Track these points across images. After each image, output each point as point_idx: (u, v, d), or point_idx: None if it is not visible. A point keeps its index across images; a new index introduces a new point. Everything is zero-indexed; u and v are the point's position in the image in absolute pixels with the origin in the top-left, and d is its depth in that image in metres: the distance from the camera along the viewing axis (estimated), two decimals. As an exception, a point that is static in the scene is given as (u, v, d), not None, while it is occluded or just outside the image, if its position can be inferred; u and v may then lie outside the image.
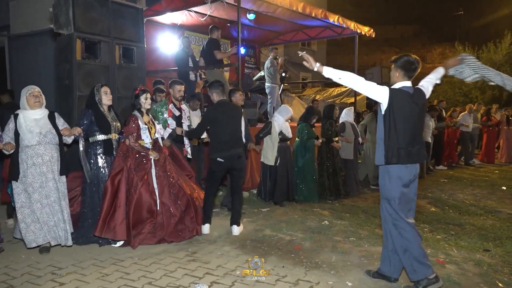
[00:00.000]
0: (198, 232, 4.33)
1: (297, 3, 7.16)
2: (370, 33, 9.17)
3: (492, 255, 4.00)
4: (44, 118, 3.89)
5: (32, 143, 3.76)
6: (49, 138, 3.85)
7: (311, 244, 4.19)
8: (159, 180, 4.18)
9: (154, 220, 4.10)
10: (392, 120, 3.08)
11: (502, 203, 6.35)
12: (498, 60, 20.37)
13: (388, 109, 3.10)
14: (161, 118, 4.95)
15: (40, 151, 3.79)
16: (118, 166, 4.07)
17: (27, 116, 3.81)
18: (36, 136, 3.77)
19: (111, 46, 5.06)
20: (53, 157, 3.87)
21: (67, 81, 4.80)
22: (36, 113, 3.86)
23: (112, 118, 4.27)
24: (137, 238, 4.02)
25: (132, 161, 4.12)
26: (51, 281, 3.24)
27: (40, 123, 3.84)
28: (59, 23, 4.74)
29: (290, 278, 3.34)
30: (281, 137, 5.90)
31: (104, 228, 3.91)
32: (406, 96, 3.12)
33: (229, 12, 7.55)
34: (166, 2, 7.17)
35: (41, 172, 3.79)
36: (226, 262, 3.66)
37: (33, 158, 3.77)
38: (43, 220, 3.80)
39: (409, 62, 3.17)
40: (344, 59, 30.41)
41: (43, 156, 3.80)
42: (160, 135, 4.50)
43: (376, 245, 4.20)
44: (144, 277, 3.32)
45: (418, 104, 3.14)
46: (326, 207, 5.90)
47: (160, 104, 5.11)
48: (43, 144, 3.80)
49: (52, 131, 3.88)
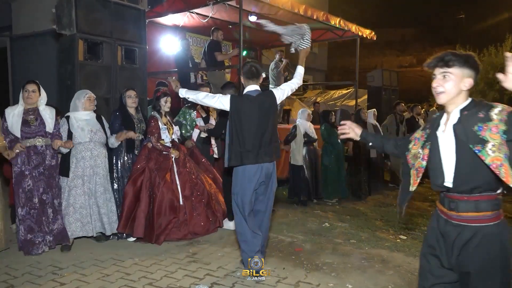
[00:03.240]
0: (220, 224, 4.67)
1: (298, 6, 7.17)
2: (372, 35, 9.18)
3: (492, 258, 4.00)
4: (92, 118, 4.25)
5: (84, 140, 4.10)
6: (99, 135, 4.20)
7: (311, 246, 4.20)
8: (180, 177, 4.45)
9: (177, 216, 4.30)
10: (233, 124, 3.38)
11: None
12: (499, 63, 20.34)
13: (230, 115, 3.40)
14: (189, 119, 5.28)
15: (90, 146, 4.13)
16: (140, 168, 4.31)
17: (78, 116, 4.16)
18: (88, 133, 4.12)
19: (113, 47, 5.07)
20: (101, 153, 4.20)
21: (69, 81, 4.80)
22: (87, 114, 4.22)
23: (138, 119, 4.54)
24: (162, 235, 4.19)
25: (153, 162, 4.36)
26: (51, 281, 3.25)
27: (91, 122, 4.20)
28: (62, 24, 4.75)
29: (291, 280, 3.34)
30: (306, 139, 6.23)
31: (127, 225, 4.18)
32: (246, 100, 3.43)
33: (231, 14, 7.56)
34: (168, 3, 7.19)
35: (89, 165, 4.10)
36: (226, 263, 3.66)
37: (83, 152, 4.09)
38: (84, 214, 4.04)
39: (250, 70, 3.49)
40: (345, 62, 30.43)
41: (92, 151, 4.13)
42: (177, 136, 4.74)
43: (377, 247, 4.21)
44: (144, 278, 3.33)
45: (262, 106, 3.41)
46: (327, 209, 5.90)
47: (189, 106, 5.43)
48: (93, 141, 4.15)
49: (101, 130, 4.25)
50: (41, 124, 3.95)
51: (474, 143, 1.74)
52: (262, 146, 3.40)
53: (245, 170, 3.39)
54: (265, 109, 3.45)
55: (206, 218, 4.49)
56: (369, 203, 6.37)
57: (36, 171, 3.89)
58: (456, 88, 1.89)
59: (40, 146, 3.93)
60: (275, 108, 3.57)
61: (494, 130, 1.72)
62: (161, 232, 4.19)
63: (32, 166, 3.87)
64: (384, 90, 10.05)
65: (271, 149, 3.46)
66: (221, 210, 4.69)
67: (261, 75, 3.58)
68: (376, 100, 10.04)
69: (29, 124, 3.90)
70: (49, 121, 4.00)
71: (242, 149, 3.36)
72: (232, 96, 3.49)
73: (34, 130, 3.91)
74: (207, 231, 4.48)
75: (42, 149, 3.94)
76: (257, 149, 3.37)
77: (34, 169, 3.88)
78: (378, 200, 6.57)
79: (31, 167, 3.87)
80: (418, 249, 4.15)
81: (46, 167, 3.96)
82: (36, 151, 3.91)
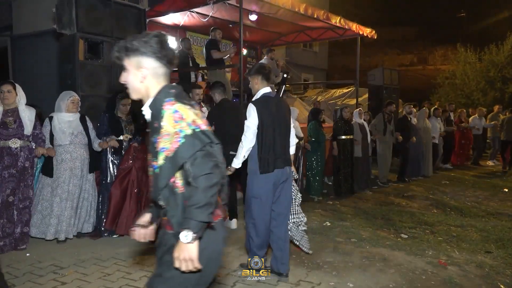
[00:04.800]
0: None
1: (299, 5, 7.16)
2: (372, 34, 9.17)
3: (494, 257, 4.00)
4: (76, 120, 4.23)
5: (64, 142, 4.11)
6: (80, 138, 4.20)
7: (312, 245, 4.18)
8: None
9: None
10: (262, 133, 3.32)
11: (503, 205, 6.34)
12: (500, 61, 20.31)
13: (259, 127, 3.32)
14: None
15: (70, 149, 4.13)
16: (127, 167, 4.33)
17: (61, 118, 4.15)
18: (68, 136, 4.12)
19: (113, 46, 5.07)
20: (82, 155, 4.20)
21: (69, 81, 4.80)
22: (70, 115, 4.20)
23: (127, 121, 4.53)
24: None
25: (140, 161, 4.36)
26: (53, 280, 3.25)
27: (73, 124, 4.19)
28: (62, 23, 4.75)
29: (292, 279, 3.34)
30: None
31: (114, 222, 4.23)
32: (268, 105, 3.34)
33: (231, 13, 7.55)
34: (169, 3, 7.18)
35: (68, 168, 4.10)
36: (227, 263, 3.66)
37: (62, 155, 4.10)
38: (58, 214, 4.04)
39: (269, 71, 3.44)
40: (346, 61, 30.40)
41: (71, 153, 4.13)
42: None
43: (378, 246, 4.20)
44: (145, 277, 3.32)
45: (280, 108, 3.41)
46: (327, 208, 5.90)
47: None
48: (73, 144, 4.14)
49: (83, 132, 4.23)
50: (19, 127, 3.93)
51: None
52: (287, 149, 3.42)
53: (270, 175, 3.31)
54: (285, 112, 3.46)
55: None
56: (370, 202, 6.37)
57: (6, 172, 3.86)
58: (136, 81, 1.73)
59: (15, 148, 3.91)
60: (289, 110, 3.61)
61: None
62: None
63: (2, 166, 3.85)
64: (385, 89, 10.04)
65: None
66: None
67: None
68: (377, 99, 10.03)
69: (6, 126, 3.89)
70: (28, 124, 3.99)
71: (272, 156, 3.28)
72: (257, 111, 3.28)
73: (12, 132, 3.90)
74: None
75: (17, 150, 3.92)
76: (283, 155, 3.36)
77: (3, 170, 3.85)
78: (378, 199, 6.57)
79: (1, 167, 3.84)
80: (419, 248, 4.17)
81: (19, 168, 3.93)
82: (10, 152, 3.89)
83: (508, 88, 19.76)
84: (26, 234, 4.01)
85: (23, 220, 3.99)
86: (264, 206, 3.29)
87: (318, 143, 6.55)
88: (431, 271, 3.57)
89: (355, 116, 7.38)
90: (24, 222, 3.99)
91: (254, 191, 3.31)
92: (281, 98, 3.76)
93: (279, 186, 3.33)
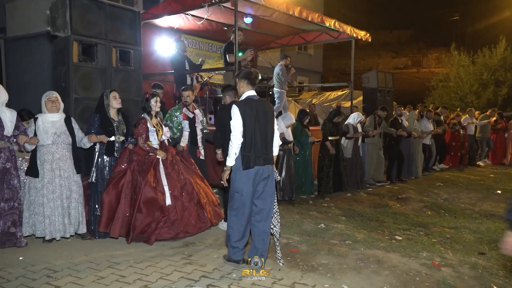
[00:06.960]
0: (213, 223, 4.66)
1: (293, 8, 7.19)
2: (367, 37, 9.22)
3: (487, 258, 4.02)
4: (60, 121, 4.19)
5: (46, 142, 4.06)
6: (62, 138, 4.15)
7: (307, 247, 4.20)
8: (168, 177, 4.43)
9: (166, 216, 4.27)
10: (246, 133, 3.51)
11: (497, 207, 6.38)
12: (493, 64, 20.51)
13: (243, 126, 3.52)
14: (175, 121, 5.34)
15: (52, 149, 4.09)
16: (122, 170, 4.31)
17: (45, 118, 4.13)
18: (50, 136, 4.08)
19: (108, 48, 5.06)
20: (64, 155, 4.15)
21: (63, 83, 4.79)
22: (54, 116, 4.16)
23: (119, 121, 4.50)
24: (152, 235, 4.19)
25: (135, 163, 4.35)
26: (46, 284, 3.22)
27: (57, 125, 4.15)
28: (56, 26, 4.74)
29: (287, 281, 3.34)
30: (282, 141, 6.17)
31: (108, 225, 4.21)
32: (250, 107, 3.51)
33: (226, 16, 7.57)
34: (163, 5, 7.19)
35: (51, 168, 4.07)
36: (222, 265, 3.66)
37: (45, 155, 4.07)
38: (46, 214, 4.02)
39: (254, 76, 3.64)
40: (340, 63, 30.54)
41: (54, 154, 4.09)
42: (166, 137, 4.73)
43: (373, 248, 4.21)
44: (139, 280, 3.31)
45: (264, 111, 3.57)
46: (322, 210, 5.91)
47: (175, 109, 5.50)
48: (55, 144, 4.10)
49: (66, 132, 4.19)
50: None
51: None
52: (268, 149, 3.59)
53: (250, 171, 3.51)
54: (268, 114, 3.61)
55: (197, 217, 4.50)
56: (364, 204, 6.39)
57: None
58: None
59: None
60: (273, 113, 3.77)
61: None
62: (151, 232, 4.19)
63: None
64: (379, 92, 10.09)
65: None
66: (212, 210, 4.67)
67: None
68: (371, 101, 10.08)
69: None
70: (9, 125, 3.95)
71: (253, 154, 3.48)
72: (240, 111, 3.48)
73: None
74: (200, 230, 4.48)
75: None
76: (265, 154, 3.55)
77: None
78: (373, 201, 6.59)
79: None
80: (414, 249, 4.18)
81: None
82: None
83: (501, 91, 19.95)
84: (13, 234, 3.98)
85: (7, 221, 3.95)
86: (245, 200, 3.51)
87: (301, 144, 6.73)
88: (425, 273, 3.58)
89: (350, 119, 7.45)
90: (10, 223, 3.96)
91: (236, 186, 3.53)
92: (266, 101, 3.98)
93: (262, 182, 3.55)
